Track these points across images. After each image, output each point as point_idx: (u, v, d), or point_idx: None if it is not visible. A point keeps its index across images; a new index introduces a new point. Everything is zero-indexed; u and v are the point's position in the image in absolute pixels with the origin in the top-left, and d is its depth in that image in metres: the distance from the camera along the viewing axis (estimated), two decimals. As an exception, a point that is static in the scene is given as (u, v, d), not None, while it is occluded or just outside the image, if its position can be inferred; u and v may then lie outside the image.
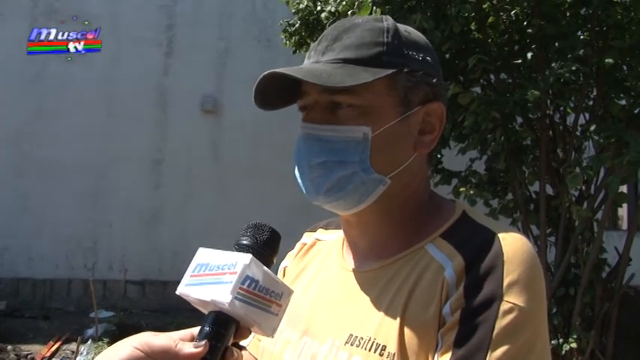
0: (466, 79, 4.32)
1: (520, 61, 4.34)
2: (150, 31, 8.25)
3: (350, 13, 4.10)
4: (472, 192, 4.21)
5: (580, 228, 4.11)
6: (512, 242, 0.80)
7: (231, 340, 0.73)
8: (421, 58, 0.88)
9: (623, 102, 4.18)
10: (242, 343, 0.76)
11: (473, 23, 4.24)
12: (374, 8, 3.75)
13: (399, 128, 0.86)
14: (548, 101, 4.20)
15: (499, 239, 0.80)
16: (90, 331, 6.36)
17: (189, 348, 0.70)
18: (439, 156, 4.57)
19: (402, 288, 0.83)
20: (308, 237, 1.11)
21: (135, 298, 7.87)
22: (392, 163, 0.87)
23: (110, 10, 8.23)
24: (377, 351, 0.80)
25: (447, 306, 0.77)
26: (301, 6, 5.07)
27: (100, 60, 8.14)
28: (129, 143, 7.98)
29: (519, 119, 4.38)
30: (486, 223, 0.85)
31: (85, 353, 5.66)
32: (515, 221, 4.46)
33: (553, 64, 3.86)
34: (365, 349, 0.81)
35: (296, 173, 0.90)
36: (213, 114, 8.25)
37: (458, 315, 0.76)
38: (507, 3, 4.16)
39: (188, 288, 0.75)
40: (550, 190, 4.46)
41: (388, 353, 0.79)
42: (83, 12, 8.13)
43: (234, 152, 8.11)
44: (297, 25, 5.25)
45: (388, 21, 0.89)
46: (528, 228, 4.45)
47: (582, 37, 4.08)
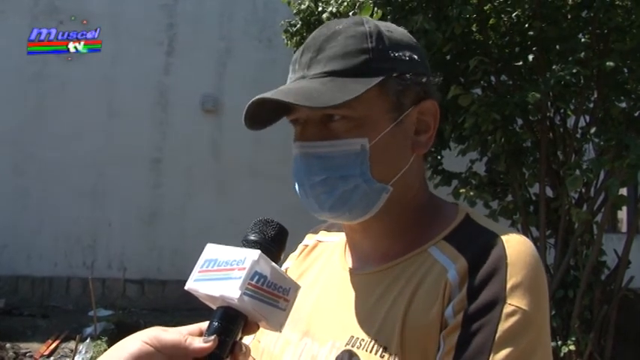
0: (467, 81, 4.34)
1: (521, 63, 4.35)
2: (151, 30, 8.24)
3: (351, 14, 4.11)
4: (472, 193, 4.22)
5: (579, 230, 4.13)
6: (515, 245, 0.79)
7: (239, 335, 0.74)
8: (408, 58, 0.87)
9: (623, 105, 4.20)
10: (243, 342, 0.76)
11: (474, 25, 4.25)
12: (375, 9, 3.76)
13: (395, 133, 0.85)
14: (548, 103, 4.22)
15: (502, 242, 0.79)
16: (89, 330, 6.36)
17: (198, 343, 0.70)
18: (439, 157, 4.58)
19: (405, 290, 0.82)
20: (310, 239, 1.10)
21: (134, 297, 7.86)
22: (392, 170, 0.86)
23: (111, 9, 8.21)
24: (378, 353, 0.79)
25: (450, 308, 0.76)
26: (302, 6, 5.09)
27: (101, 59, 8.11)
28: (129, 142, 7.96)
29: (520, 121, 4.39)
30: (490, 226, 0.85)
31: (84, 352, 5.65)
32: (514, 223, 4.47)
33: (554, 67, 3.87)
34: (366, 351, 0.80)
35: (297, 191, 0.89)
36: (213, 113, 8.24)
37: (460, 317, 0.75)
38: (509, 5, 4.17)
39: (197, 283, 0.75)
40: (550, 192, 4.47)
41: (389, 355, 0.78)
42: (84, 10, 8.11)
43: (234, 152, 8.10)
44: (298, 26, 5.26)
45: (369, 23, 0.87)
46: (528, 230, 4.46)
47: (583, 40, 4.10)
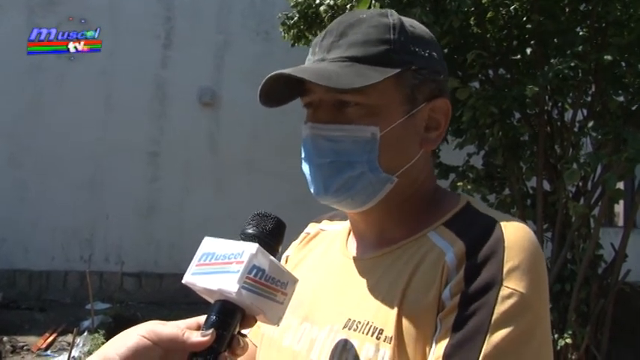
0: (464, 74, 4.33)
1: (519, 57, 4.35)
2: (148, 23, 8.19)
3: (349, 7, 4.09)
4: (469, 187, 4.23)
5: (577, 224, 4.13)
6: (514, 230, 0.80)
7: (237, 329, 0.74)
8: (427, 55, 0.88)
9: (621, 99, 4.20)
10: (243, 332, 0.76)
11: (472, 18, 4.24)
12: (373, 2, 3.74)
13: (406, 126, 0.86)
14: (546, 97, 4.21)
15: (501, 227, 0.80)
16: (86, 323, 6.36)
17: (196, 336, 0.70)
18: (437, 150, 4.57)
19: (402, 273, 0.83)
20: (312, 227, 1.12)
21: (131, 291, 7.86)
22: (399, 162, 0.87)
23: (109, 2, 8.17)
24: (374, 334, 0.79)
25: (447, 290, 0.77)
26: (300, -1, 5.07)
27: (98, 51, 8.09)
28: (126, 135, 7.93)
29: (517, 115, 4.39)
30: (490, 213, 0.86)
31: (81, 345, 5.66)
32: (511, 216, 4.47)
33: (552, 60, 3.86)
34: (362, 333, 0.81)
35: (305, 171, 0.91)
36: (211, 107, 8.22)
37: (457, 299, 0.75)
38: (507, -2, 4.17)
39: (194, 277, 0.75)
40: (547, 186, 4.47)
41: (385, 337, 0.78)
42: (82, 3, 8.08)
43: (231, 145, 8.08)
44: (295, 19, 5.24)
45: (394, 16, 0.88)
46: (525, 223, 4.46)
47: (581, 34, 4.09)
